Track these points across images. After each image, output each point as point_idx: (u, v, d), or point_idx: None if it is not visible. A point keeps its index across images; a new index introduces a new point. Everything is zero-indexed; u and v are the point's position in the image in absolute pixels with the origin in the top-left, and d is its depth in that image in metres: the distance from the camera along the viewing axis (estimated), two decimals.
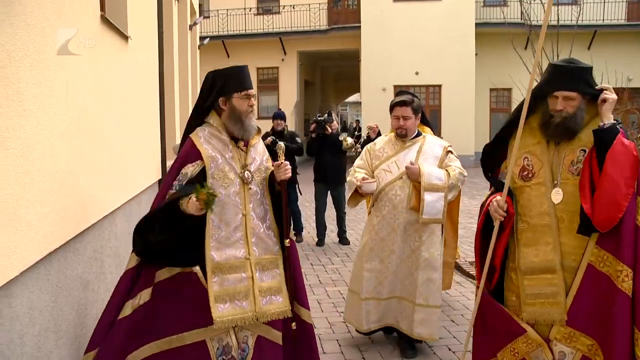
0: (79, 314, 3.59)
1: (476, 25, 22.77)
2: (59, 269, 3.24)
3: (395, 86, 21.64)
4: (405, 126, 4.55)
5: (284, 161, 3.33)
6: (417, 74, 23.01)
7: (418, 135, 4.67)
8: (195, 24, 12.47)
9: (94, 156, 4.01)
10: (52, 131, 3.14)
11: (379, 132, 8.43)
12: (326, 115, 8.96)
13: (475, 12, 22.98)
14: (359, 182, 4.48)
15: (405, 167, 4.42)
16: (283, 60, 25.51)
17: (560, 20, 14.71)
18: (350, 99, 43.83)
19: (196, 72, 12.94)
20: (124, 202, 4.93)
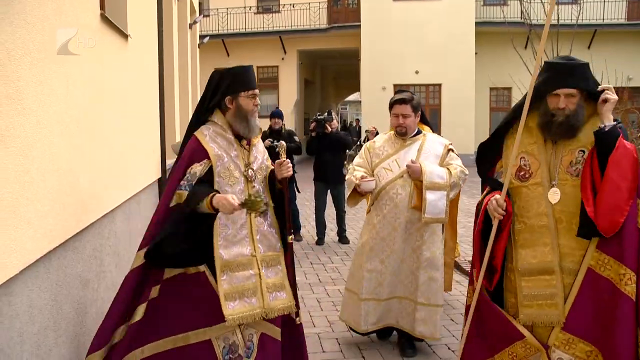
0: (78, 312, 3.59)
1: (476, 24, 22.77)
2: (58, 267, 3.24)
3: (395, 85, 21.64)
4: (405, 124, 4.49)
5: (285, 159, 3.37)
6: (417, 72, 23.01)
7: (418, 133, 4.62)
8: (195, 22, 12.46)
9: (94, 155, 4.00)
10: (51, 130, 3.14)
11: (376, 133, 8.44)
12: (326, 114, 8.96)
13: (475, 11, 22.99)
14: (357, 181, 4.41)
15: (407, 166, 4.36)
16: (283, 59, 25.51)
17: (560, 20, 14.71)
18: (350, 98, 43.78)
19: (196, 71, 12.93)
20: (123, 200, 4.93)
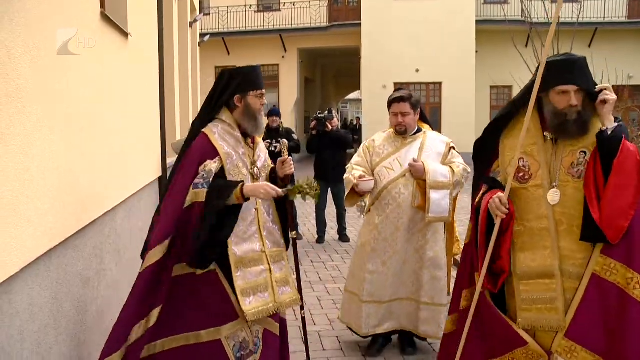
0: (79, 310, 3.59)
1: (477, 22, 22.74)
2: (59, 266, 3.24)
3: (396, 83, 21.63)
4: (404, 123, 4.43)
5: (288, 157, 3.46)
6: (417, 71, 22.99)
7: (418, 131, 4.56)
8: (196, 21, 12.46)
9: (94, 153, 4.00)
10: (51, 128, 3.14)
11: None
12: (326, 112, 8.97)
13: (476, 9, 22.95)
14: (356, 180, 4.34)
15: (409, 165, 4.31)
16: (283, 57, 25.48)
17: (561, 18, 14.70)
18: (350, 97, 43.78)
19: (196, 69, 12.93)
20: (124, 198, 4.93)
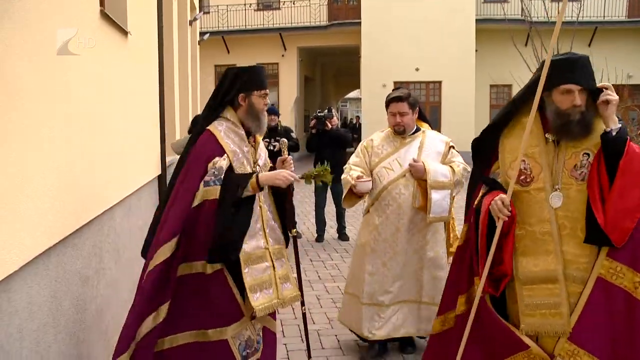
0: (78, 309, 3.59)
1: (476, 21, 22.75)
2: (57, 264, 3.24)
3: (396, 82, 21.62)
4: (402, 122, 4.37)
5: (288, 156, 3.52)
6: (417, 70, 23.00)
7: (417, 130, 4.51)
8: (195, 19, 12.45)
9: (93, 152, 4.00)
10: (51, 126, 3.14)
11: None
12: (326, 111, 8.97)
13: (476, 8, 22.95)
14: (354, 181, 4.28)
15: (409, 165, 4.26)
16: (283, 56, 25.49)
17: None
18: (350, 95, 43.81)
19: (196, 68, 12.92)
20: (123, 197, 4.92)
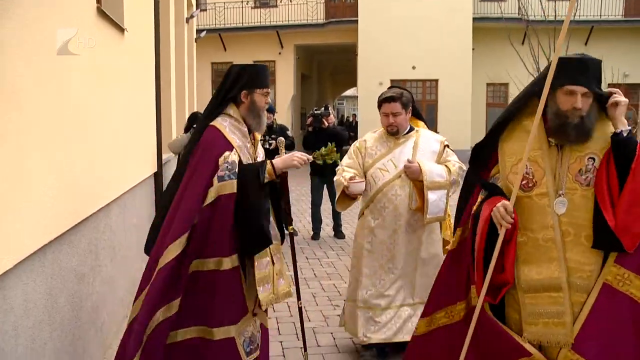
0: (73, 306, 3.59)
1: (473, 20, 22.74)
2: (53, 261, 3.24)
3: (392, 80, 21.58)
4: (395, 123, 4.27)
5: (285, 154, 3.51)
6: (414, 68, 22.98)
7: (410, 130, 4.40)
8: (192, 16, 12.44)
9: (90, 149, 4.00)
10: (47, 124, 3.13)
11: None
12: (323, 109, 8.97)
13: (473, 6, 22.95)
14: (346, 182, 4.18)
15: (404, 166, 4.17)
16: (280, 53, 25.42)
17: (558, 16, 14.66)
18: (347, 93, 43.77)
19: (193, 65, 12.92)
20: (119, 194, 4.92)
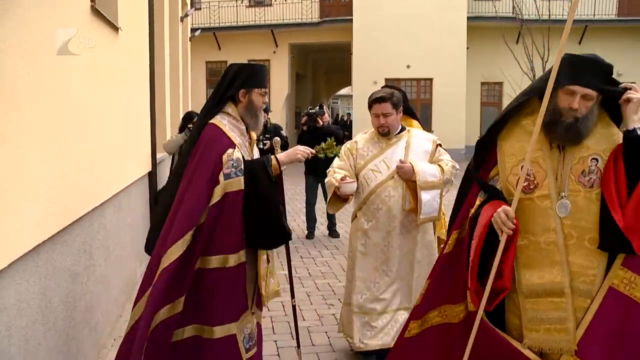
0: (67, 306, 3.58)
1: (468, 19, 22.79)
2: (47, 261, 3.23)
3: (387, 79, 21.59)
4: (386, 124, 4.20)
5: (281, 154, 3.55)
6: (408, 67, 23.01)
7: (402, 130, 4.34)
8: (187, 15, 12.42)
9: (84, 148, 3.99)
10: (41, 123, 3.12)
11: None
12: (317, 108, 8.98)
13: (467, 5, 22.99)
14: (337, 183, 4.12)
15: (397, 167, 4.11)
16: (274, 52, 25.41)
17: (552, 15, 14.69)
18: (341, 92, 43.76)
19: (187, 64, 12.89)
20: (113, 194, 4.91)
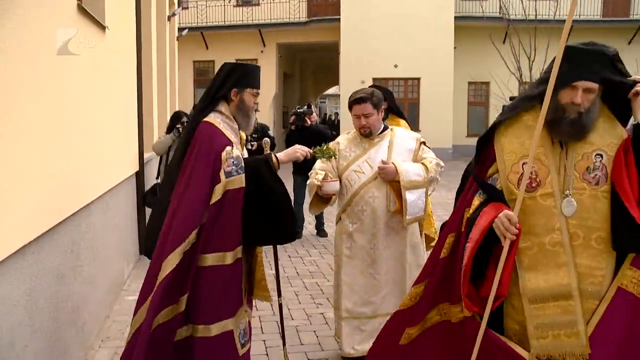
0: (54, 307, 3.56)
1: (455, 18, 22.87)
2: (33, 262, 3.20)
3: (374, 79, 21.65)
4: (368, 124, 4.14)
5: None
6: (396, 66, 23.06)
7: (385, 129, 4.28)
8: (174, 14, 12.36)
9: (70, 147, 3.96)
10: (26, 122, 3.10)
11: None
12: (305, 107, 8.96)
13: (455, 5, 23.08)
14: (319, 182, 4.02)
15: (378, 168, 4.01)
16: (262, 52, 25.35)
17: (538, 15, 14.76)
18: (329, 92, 43.78)
19: (174, 64, 12.82)
20: (100, 194, 4.89)
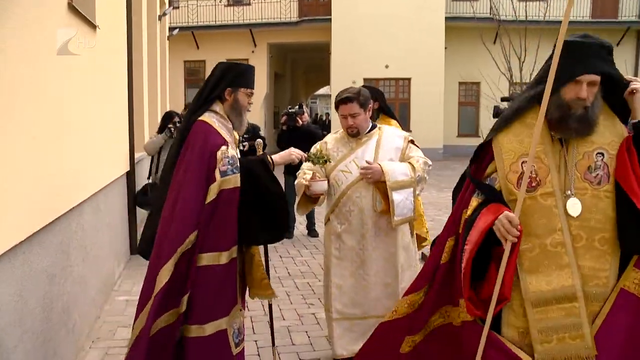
0: (44, 307, 3.54)
1: (446, 19, 22.96)
2: (23, 262, 3.19)
3: (365, 79, 21.71)
4: (355, 124, 4.07)
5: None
6: (386, 67, 23.11)
7: (373, 128, 4.21)
8: (165, 14, 12.34)
9: (61, 147, 3.94)
10: (16, 122, 3.08)
11: None
12: (297, 107, 8.95)
13: (445, 6, 23.16)
14: (307, 182, 3.93)
15: (362, 168, 3.93)
16: (253, 52, 25.31)
17: (529, 16, 14.82)
18: (320, 92, 43.80)
19: (165, 63, 12.80)
20: (91, 194, 4.87)
